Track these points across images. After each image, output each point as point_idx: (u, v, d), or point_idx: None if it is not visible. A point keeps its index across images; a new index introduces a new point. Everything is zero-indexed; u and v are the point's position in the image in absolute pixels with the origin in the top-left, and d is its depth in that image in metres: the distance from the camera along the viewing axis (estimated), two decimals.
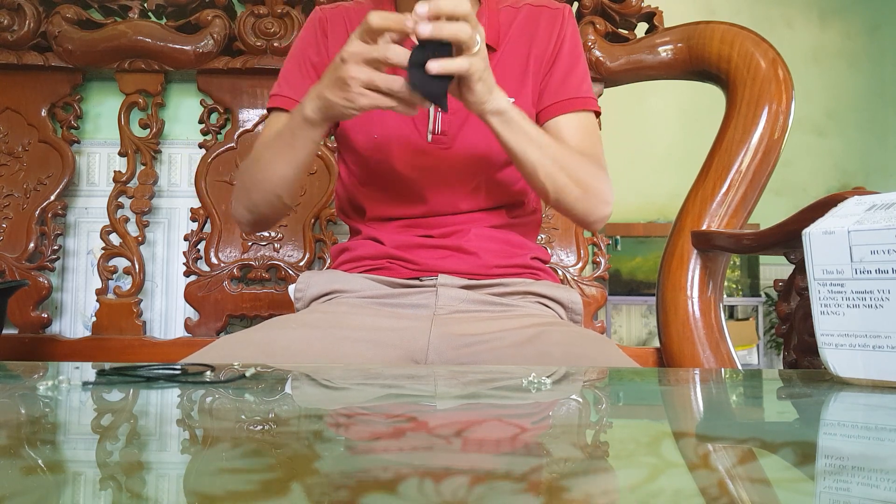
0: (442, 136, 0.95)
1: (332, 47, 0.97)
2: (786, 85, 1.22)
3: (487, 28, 0.93)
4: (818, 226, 0.54)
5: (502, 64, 0.96)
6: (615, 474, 0.30)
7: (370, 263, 0.97)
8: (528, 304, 0.94)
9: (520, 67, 0.97)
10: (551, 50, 0.97)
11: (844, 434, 0.41)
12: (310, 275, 0.99)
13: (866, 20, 4.24)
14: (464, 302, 0.91)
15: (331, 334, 0.83)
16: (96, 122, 1.44)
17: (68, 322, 1.43)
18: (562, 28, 0.98)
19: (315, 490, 0.26)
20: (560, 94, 0.97)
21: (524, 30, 0.98)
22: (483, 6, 0.97)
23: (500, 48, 0.97)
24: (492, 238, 0.97)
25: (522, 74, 0.97)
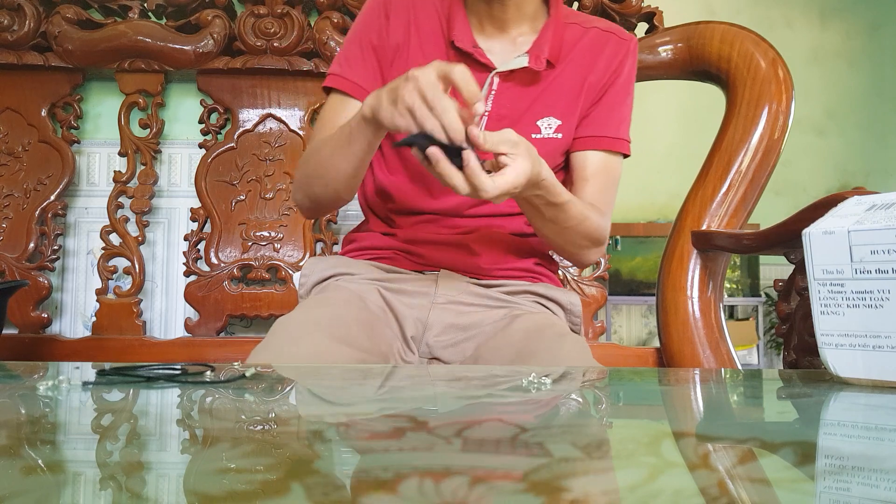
0: None
1: (394, 31, 0.96)
2: (786, 85, 1.22)
3: (551, 43, 0.94)
4: (818, 226, 0.54)
5: (558, 82, 0.95)
6: (615, 474, 0.30)
7: (377, 253, 0.98)
8: (525, 303, 0.95)
9: (574, 90, 0.96)
10: (606, 80, 0.97)
11: (844, 434, 0.41)
12: (315, 260, 1.00)
13: (866, 20, 4.23)
14: (462, 293, 0.93)
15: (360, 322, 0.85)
16: (96, 122, 1.44)
17: (68, 322, 1.43)
18: (622, 61, 0.98)
19: (315, 490, 0.26)
20: (598, 129, 0.97)
21: (588, 53, 0.97)
22: (550, 20, 0.96)
23: (559, 66, 0.96)
24: (499, 241, 0.98)
25: (576, 98, 0.96)
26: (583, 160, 0.98)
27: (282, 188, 1.37)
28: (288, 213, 1.37)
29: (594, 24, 1.00)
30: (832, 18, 4.22)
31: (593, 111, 0.97)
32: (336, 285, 0.93)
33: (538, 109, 0.95)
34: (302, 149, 1.38)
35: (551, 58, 0.94)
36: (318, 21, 1.36)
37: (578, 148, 0.98)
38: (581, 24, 0.99)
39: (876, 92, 4.21)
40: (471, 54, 0.93)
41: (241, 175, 1.37)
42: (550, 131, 0.95)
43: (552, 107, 0.95)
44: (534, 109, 0.95)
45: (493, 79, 0.93)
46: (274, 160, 1.38)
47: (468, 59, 0.93)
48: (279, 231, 1.36)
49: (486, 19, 0.95)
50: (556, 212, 0.86)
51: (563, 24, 0.97)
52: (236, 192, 1.37)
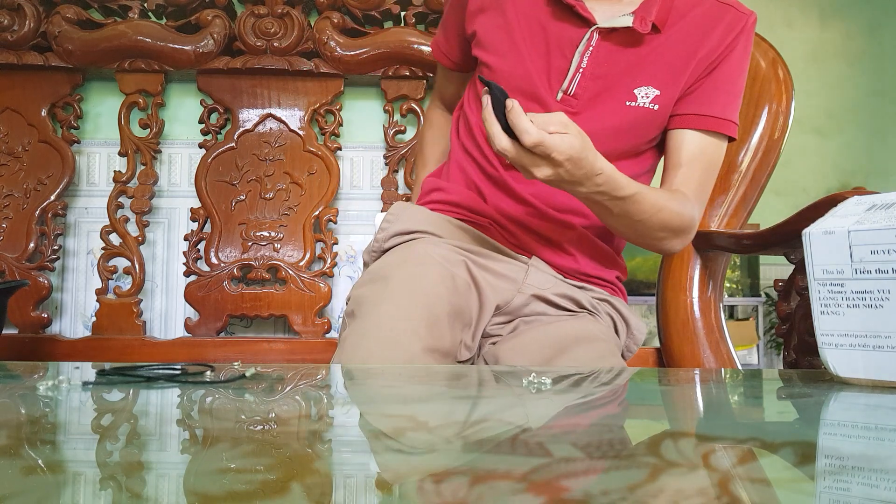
0: (573, 98, 0.90)
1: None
2: (786, 85, 1.22)
3: (659, 7, 0.88)
4: (818, 226, 0.54)
5: (663, 49, 0.89)
6: (615, 474, 0.30)
7: (469, 216, 0.95)
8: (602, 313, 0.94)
9: (681, 61, 0.89)
10: (718, 54, 0.90)
11: (844, 434, 0.41)
12: (403, 207, 0.95)
13: (866, 20, 4.23)
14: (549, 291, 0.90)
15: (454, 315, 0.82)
16: (96, 122, 1.44)
17: (68, 322, 1.43)
18: (738, 36, 0.90)
19: (315, 490, 0.26)
20: (702, 106, 0.90)
21: (700, 25, 0.90)
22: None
23: (666, 32, 0.89)
24: (591, 246, 0.96)
25: (681, 69, 0.89)
26: (679, 141, 0.91)
27: (282, 188, 1.37)
28: (288, 213, 1.37)
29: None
30: (832, 18, 4.22)
31: (699, 86, 0.90)
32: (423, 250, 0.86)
33: (637, 76, 0.89)
34: (302, 149, 1.38)
35: (658, 22, 0.88)
36: (318, 21, 1.36)
37: (677, 125, 0.91)
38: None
39: (876, 92, 4.21)
40: (572, 6, 0.88)
41: (241, 175, 1.37)
42: (647, 101, 0.89)
43: (653, 75, 0.89)
44: (632, 75, 0.89)
45: (592, 34, 0.88)
46: (274, 160, 1.38)
47: (567, 12, 0.89)
48: (279, 231, 1.36)
49: None
50: (625, 205, 0.81)
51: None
52: (236, 192, 1.37)
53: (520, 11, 0.92)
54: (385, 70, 1.37)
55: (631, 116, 0.90)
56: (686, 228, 0.90)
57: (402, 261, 0.85)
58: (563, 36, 0.89)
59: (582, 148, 0.73)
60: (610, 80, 0.90)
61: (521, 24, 0.91)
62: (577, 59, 0.89)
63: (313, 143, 1.38)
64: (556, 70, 0.90)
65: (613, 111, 0.89)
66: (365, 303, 0.81)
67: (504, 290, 0.88)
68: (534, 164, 0.72)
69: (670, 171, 0.92)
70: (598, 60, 0.89)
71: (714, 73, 0.90)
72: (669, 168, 0.93)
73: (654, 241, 0.89)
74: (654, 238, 0.89)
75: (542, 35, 0.91)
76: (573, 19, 0.89)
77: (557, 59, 0.90)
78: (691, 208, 0.90)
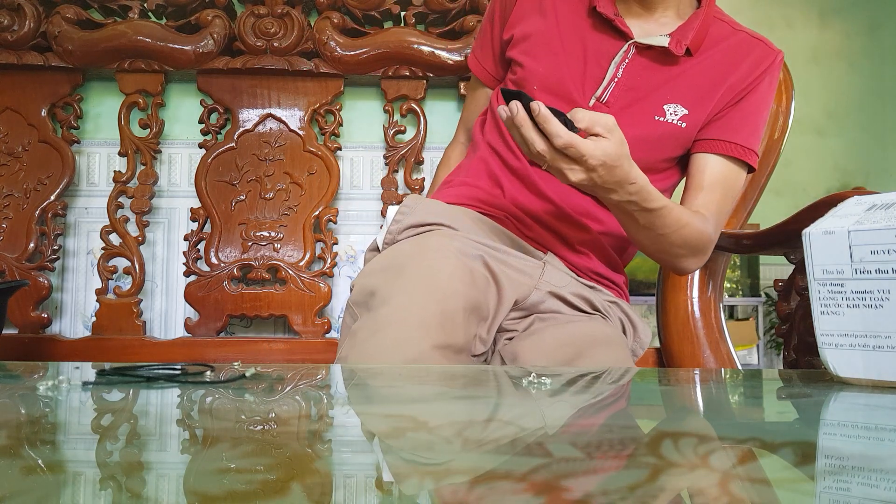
0: (605, 105, 0.92)
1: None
2: (786, 85, 1.22)
3: (696, 32, 0.92)
4: (818, 226, 0.54)
5: (694, 72, 0.93)
6: (615, 474, 0.30)
7: (488, 208, 0.96)
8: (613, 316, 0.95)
9: (709, 86, 0.93)
10: (747, 84, 0.94)
11: (844, 434, 0.41)
12: (417, 199, 0.95)
13: (866, 20, 4.23)
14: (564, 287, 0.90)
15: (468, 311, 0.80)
16: (96, 122, 1.44)
17: (68, 322, 1.43)
18: (766, 71, 0.95)
19: (315, 490, 0.26)
20: (728, 133, 0.93)
21: (732, 54, 0.94)
22: (701, 10, 0.94)
23: (698, 57, 0.93)
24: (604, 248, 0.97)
25: (708, 94, 0.93)
26: (703, 164, 0.93)
27: (282, 188, 1.37)
28: (288, 213, 1.37)
29: (743, 30, 0.97)
30: (832, 18, 4.22)
31: (726, 114, 0.93)
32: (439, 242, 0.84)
33: (667, 93, 0.92)
34: (302, 149, 1.38)
35: (692, 46, 0.92)
36: (318, 21, 1.36)
37: (702, 150, 0.94)
38: (730, 24, 0.97)
39: (876, 92, 4.21)
40: (611, 20, 0.91)
41: (241, 175, 1.37)
42: (675, 118, 0.92)
43: (683, 95, 0.92)
44: (663, 92, 0.92)
45: (629, 48, 0.92)
46: (274, 160, 1.38)
47: (607, 26, 0.92)
48: (279, 231, 1.36)
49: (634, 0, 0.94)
50: (652, 218, 0.83)
51: (712, 18, 0.95)
52: (236, 192, 1.37)
53: (561, 20, 0.95)
54: (385, 70, 1.37)
55: (658, 131, 0.93)
56: (704, 248, 0.92)
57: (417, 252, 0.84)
58: (601, 47, 0.93)
59: (618, 155, 0.74)
60: (641, 93, 0.92)
61: (561, 32, 0.94)
62: (613, 69, 0.92)
63: (313, 143, 1.38)
64: (590, 78, 0.93)
65: (642, 123, 0.92)
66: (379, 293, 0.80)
67: (522, 284, 0.87)
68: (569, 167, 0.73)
69: (692, 193, 0.94)
70: (632, 73, 0.92)
71: (741, 104, 0.93)
72: (691, 189, 0.94)
73: (671, 258, 0.91)
74: (672, 254, 0.90)
75: (581, 45, 0.94)
76: (612, 32, 0.93)
77: (593, 68, 0.93)
78: (711, 230, 0.92)
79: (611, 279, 0.99)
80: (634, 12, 0.94)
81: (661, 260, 0.93)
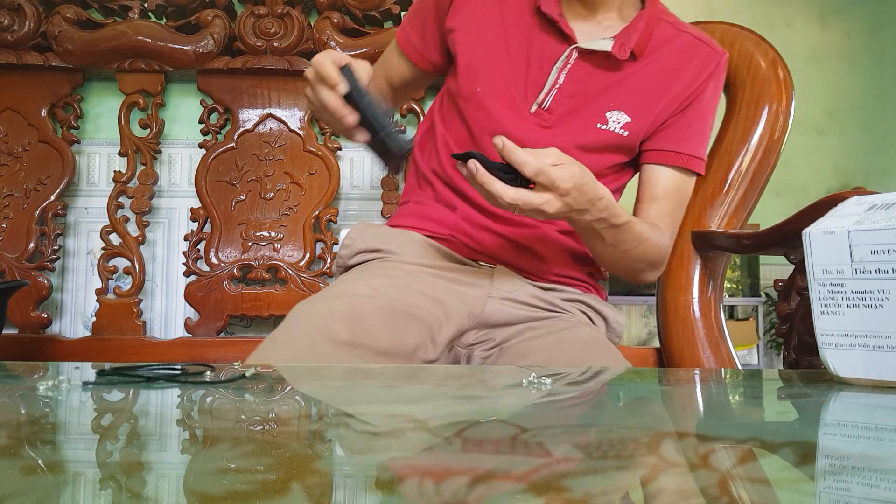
0: (546, 112, 0.91)
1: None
2: (786, 85, 1.22)
3: (639, 35, 0.91)
4: (818, 226, 0.54)
5: (638, 78, 0.92)
6: (615, 474, 0.30)
7: (435, 230, 0.95)
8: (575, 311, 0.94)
9: (653, 93, 0.92)
10: (691, 92, 0.93)
11: (844, 434, 0.41)
12: (363, 227, 0.97)
13: (866, 20, 4.23)
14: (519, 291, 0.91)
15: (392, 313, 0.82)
16: (96, 122, 1.44)
17: (68, 322, 1.43)
18: (711, 75, 0.94)
19: (315, 490, 0.26)
20: (676, 144, 0.94)
21: (676, 59, 0.94)
22: (644, 11, 0.93)
23: (643, 61, 0.92)
24: (559, 245, 0.96)
25: (652, 102, 0.92)
26: (655, 176, 0.95)
27: (282, 188, 1.37)
28: (288, 213, 1.37)
29: (687, 30, 0.96)
30: (832, 18, 4.22)
31: (674, 123, 0.94)
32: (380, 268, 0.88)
33: (610, 100, 0.91)
34: (302, 149, 1.38)
35: (636, 50, 0.91)
36: (318, 21, 1.36)
37: (653, 161, 0.95)
38: (674, 24, 0.96)
39: (876, 92, 4.21)
40: (555, 22, 0.90)
41: (241, 175, 1.37)
42: (617, 126, 0.91)
43: (626, 101, 0.92)
44: (605, 98, 0.91)
45: (571, 52, 0.90)
46: (274, 160, 1.38)
47: (551, 27, 0.91)
48: (279, 231, 1.36)
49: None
50: (617, 234, 0.83)
51: (656, 20, 0.94)
52: (236, 192, 1.37)
53: (507, 16, 0.93)
54: None
55: (601, 139, 0.92)
56: (661, 261, 0.95)
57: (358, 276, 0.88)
58: (544, 50, 0.91)
59: (583, 173, 0.74)
60: (583, 99, 0.91)
61: (506, 30, 0.93)
62: (555, 75, 0.91)
63: (313, 143, 1.38)
64: (532, 82, 0.92)
65: (584, 131, 0.91)
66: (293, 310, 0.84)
67: (473, 297, 0.88)
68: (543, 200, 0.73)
69: (646, 204, 0.96)
70: (574, 79, 0.91)
71: (687, 112, 0.94)
72: (645, 200, 0.96)
73: (631, 272, 0.93)
74: (632, 269, 0.92)
75: (526, 46, 0.92)
76: (556, 34, 0.91)
77: (536, 71, 0.92)
78: (667, 241, 0.94)
79: (570, 276, 0.98)
80: (577, 13, 0.93)
81: (622, 273, 0.94)
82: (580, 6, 0.93)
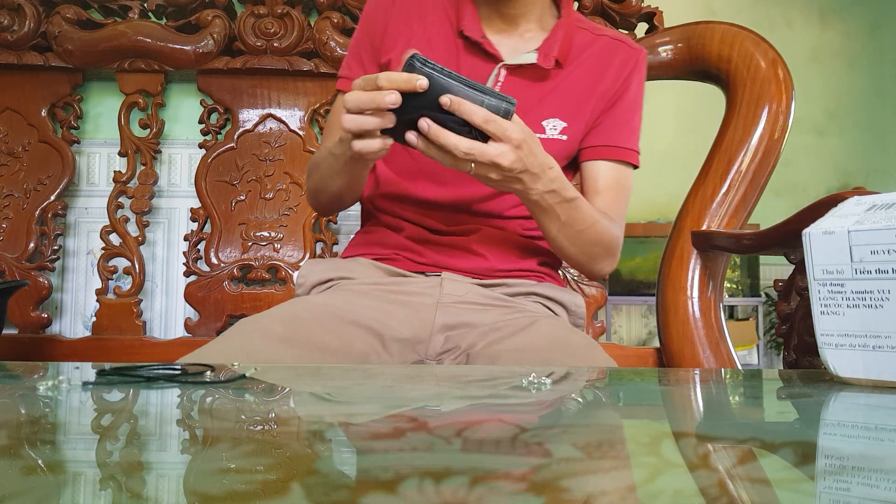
0: None
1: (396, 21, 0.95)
2: (786, 85, 1.22)
3: (560, 43, 0.94)
4: (818, 226, 0.54)
5: (566, 84, 0.95)
6: (616, 474, 0.30)
7: (379, 252, 0.97)
8: (529, 304, 0.94)
9: (582, 95, 0.96)
10: (616, 89, 0.97)
11: (844, 434, 0.41)
12: (313, 262, 1.00)
13: (866, 20, 4.23)
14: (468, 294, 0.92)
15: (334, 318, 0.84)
16: (96, 122, 1.44)
17: (68, 322, 1.43)
18: (632, 73, 0.98)
19: (315, 490, 0.26)
20: (609, 139, 0.97)
21: (598, 61, 0.97)
22: (562, 20, 0.96)
23: (568, 68, 0.96)
24: (502, 241, 0.97)
25: (583, 103, 0.96)
26: (595, 171, 0.98)
27: (282, 188, 1.37)
28: (288, 213, 1.37)
29: (604, 33, 1.00)
30: (832, 18, 4.22)
31: (604, 121, 0.97)
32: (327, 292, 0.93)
33: (544, 109, 0.95)
34: (302, 149, 1.38)
35: (560, 58, 0.94)
36: (318, 21, 1.36)
37: (590, 157, 0.98)
38: (591, 30, 0.99)
39: (876, 92, 4.21)
40: (479, 44, 0.92)
41: (241, 175, 1.37)
42: (555, 132, 0.95)
43: (559, 108, 0.95)
44: (539, 108, 0.95)
45: (499, 70, 0.93)
46: (274, 160, 1.38)
47: (476, 48, 0.93)
48: (279, 231, 1.36)
49: (495, 14, 0.95)
50: (571, 210, 0.85)
51: (573, 27, 0.97)
52: (236, 192, 1.37)
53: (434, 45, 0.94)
54: None
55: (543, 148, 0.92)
56: (615, 248, 0.96)
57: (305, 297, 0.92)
58: (473, 71, 0.92)
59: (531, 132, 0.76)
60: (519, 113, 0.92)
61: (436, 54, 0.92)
62: None
63: (313, 143, 1.38)
64: None
65: None
66: None
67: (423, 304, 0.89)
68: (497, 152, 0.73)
69: (590, 198, 0.98)
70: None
71: (616, 108, 0.98)
72: (589, 194, 0.98)
73: (587, 258, 0.93)
74: (589, 255, 0.93)
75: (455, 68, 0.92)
76: (482, 55, 0.93)
77: None
78: (618, 230, 0.96)
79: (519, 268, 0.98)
80: (499, 28, 0.95)
81: (580, 263, 0.95)
82: (501, 22, 0.95)
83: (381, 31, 0.97)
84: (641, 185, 4.16)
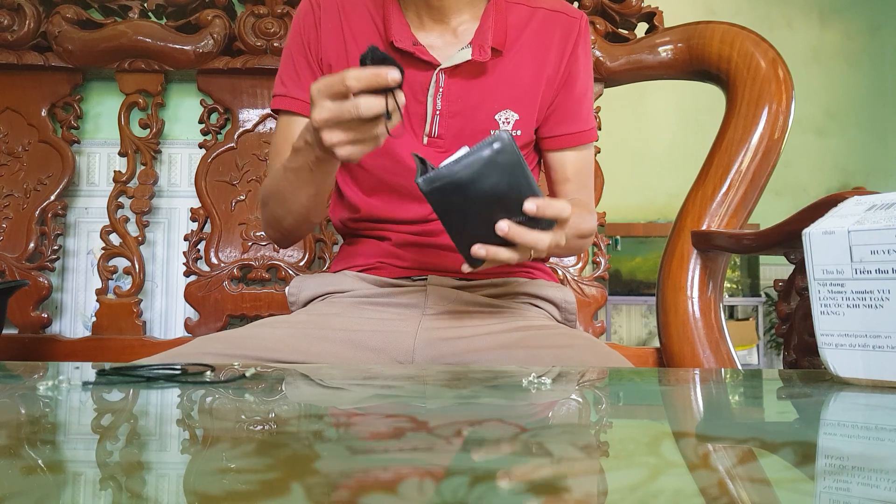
0: (438, 139, 0.92)
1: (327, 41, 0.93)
2: (786, 85, 1.22)
3: (493, 30, 0.89)
4: (818, 226, 0.54)
5: (510, 71, 0.91)
6: (615, 474, 0.30)
7: (364, 263, 0.96)
8: (519, 306, 0.93)
9: (530, 83, 0.92)
10: (564, 69, 0.94)
11: (844, 434, 0.41)
12: (302, 278, 0.99)
13: (866, 20, 4.23)
14: (453, 302, 0.91)
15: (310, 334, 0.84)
16: (96, 122, 1.44)
17: (68, 322, 1.43)
18: (576, 43, 0.94)
19: (315, 490, 0.26)
20: (570, 125, 0.96)
21: (539, 38, 0.92)
22: (490, 4, 0.91)
23: (508, 53, 0.91)
24: None
25: (532, 91, 0.92)
26: (561, 161, 0.98)
27: None
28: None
29: (541, 5, 0.94)
30: (832, 18, 4.22)
31: (559, 105, 0.95)
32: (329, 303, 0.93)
33: (494, 102, 0.92)
34: None
35: (496, 45, 0.89)
36: None
37: (554, 147, 0.97)
38: (527, 3, 0.94)
39: (876, 92, 4.21)
40: (412, 53, 0.88)
41: (241, 175, 1.37)
42: (509, 126, 0.93)
43: (508, 99, 0.92)
44: (489, 103, 0.91)
45: (438, 75, 0.89)
46: None
47: (410, 58, 0.89)
48: None
49: (424, 11, 0.90)
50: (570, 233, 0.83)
51: (505, 7, 0.92)
52: (236, 192, 1.37)
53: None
54: None
55: None
56: (592, 232, 0.99)
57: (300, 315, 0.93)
58: (413, 81, 0.89)
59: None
60: (469, 114, 0.91)
61: None
62: (432, 102, 0.90)
63: None
64: (415, 116, 0.91)
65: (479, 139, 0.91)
66: None
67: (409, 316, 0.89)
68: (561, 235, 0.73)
69: (560, 185, 0.99)
70: (451, 98, 0.91)
71: (567, 90, 0.95)
72: (558, 183, 0.99)
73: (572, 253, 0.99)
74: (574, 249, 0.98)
75: None
76: (417, 64, 0.89)
77: (413, 105, 0.91)
78: (593, 215, 1.00)
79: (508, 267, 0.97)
80: (429, 27, 0.91)
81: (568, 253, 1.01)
82: (431, 20, 0.91)
83: (315, 46, 0.94)
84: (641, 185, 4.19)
